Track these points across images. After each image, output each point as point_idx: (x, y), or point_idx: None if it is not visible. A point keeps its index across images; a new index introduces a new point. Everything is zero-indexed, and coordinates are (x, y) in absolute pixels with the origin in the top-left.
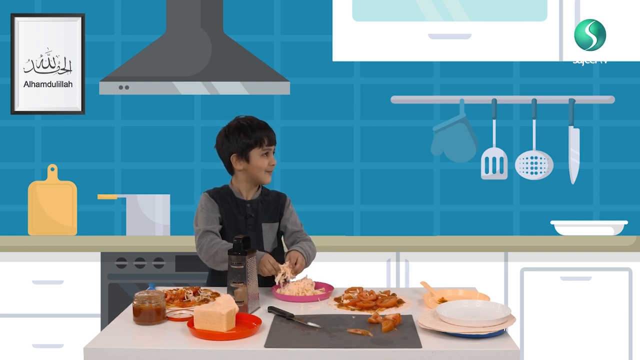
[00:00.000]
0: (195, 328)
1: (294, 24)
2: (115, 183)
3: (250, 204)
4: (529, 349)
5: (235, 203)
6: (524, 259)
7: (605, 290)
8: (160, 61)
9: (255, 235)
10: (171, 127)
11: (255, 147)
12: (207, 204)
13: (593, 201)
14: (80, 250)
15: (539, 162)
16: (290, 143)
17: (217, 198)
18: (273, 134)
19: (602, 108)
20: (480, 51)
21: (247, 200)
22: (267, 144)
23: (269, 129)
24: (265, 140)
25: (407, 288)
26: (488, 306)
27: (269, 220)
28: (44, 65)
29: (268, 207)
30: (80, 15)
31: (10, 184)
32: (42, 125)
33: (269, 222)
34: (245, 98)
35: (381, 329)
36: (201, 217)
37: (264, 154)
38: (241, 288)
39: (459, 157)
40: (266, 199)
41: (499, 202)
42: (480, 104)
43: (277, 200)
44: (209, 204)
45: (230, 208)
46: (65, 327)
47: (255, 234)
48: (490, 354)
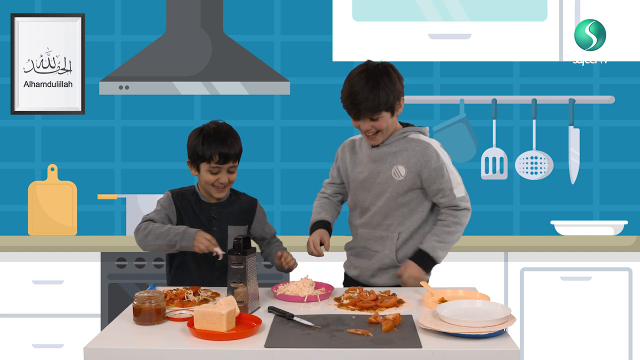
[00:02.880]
0: (195, 328)
1: (294, 24)
2: (115, 183)
3: (216, 207)
4: (529, 349)
5: (199, 205)
6: (524, 259)
7: (605, 290)
8: (160, 61)
9: (220, 237)
10: (171, 127)
11: (204, 162)
12: (165, 204)
13: (593, 201)
14: (80, 250)
15: (539, 162)
16: (290, 143)
17: (178, 200)
18: (232, 152)
19: (602, 108)
20: (480, 51)
21: (212, 203)
22: (216, 161)
23: (228, 146)
24: (215, 158)
25: (407, 288)
26: (488, 306)
27: (236, 222)
28: (44, 65)
29: (236, 209)
30: (80, 15)
31: (10, 184)
32: (42, 125)
33: (235, 225)
34: (245, 98)
35: (381, 329)
36: (154, 212)
37: (212, 171)
38: (241, 288)
39: (459, 157)
40: (236, 201)
41: (499, 202)
42: (480, 104)
43: (248, 205)
44: (166, 206)
45: (192, 210)
46: (65, 327)
47: (220, 235)
48: (490, 354)
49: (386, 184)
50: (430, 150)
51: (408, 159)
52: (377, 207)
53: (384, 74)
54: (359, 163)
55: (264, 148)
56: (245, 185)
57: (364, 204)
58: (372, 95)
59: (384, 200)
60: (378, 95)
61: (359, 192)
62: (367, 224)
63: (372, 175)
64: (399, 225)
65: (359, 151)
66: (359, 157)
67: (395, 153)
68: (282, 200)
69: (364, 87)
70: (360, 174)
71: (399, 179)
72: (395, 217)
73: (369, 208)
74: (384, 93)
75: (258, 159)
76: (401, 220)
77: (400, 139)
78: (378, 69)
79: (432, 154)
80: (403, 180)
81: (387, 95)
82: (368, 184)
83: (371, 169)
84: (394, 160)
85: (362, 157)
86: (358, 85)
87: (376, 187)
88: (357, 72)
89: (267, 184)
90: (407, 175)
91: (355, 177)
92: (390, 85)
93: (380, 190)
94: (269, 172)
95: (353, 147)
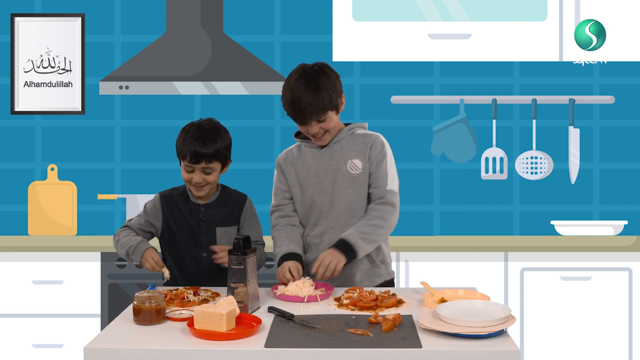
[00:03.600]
0: (195, 328)
1: (294, 24)
2: (115, 183)
3: (205, 207)
4: (529, 349)
5: (188, 206)
6: (524, 259)
7: (605, 290)
8: (160, 61)
9: (209, 239)
10: (171, 127)
11: (181, 159)
12: (149, 209)
13: (593, 201)
14: (80, 250)
15: (539, 162)
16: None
17: (165, 204)
18: (204, 151)
19: (602, 108)
20: (480, 51)
21: (201, 204)
22: (188, 160)
23: (202, 145)
24: (187, 157)
25: (407, 288)
26: (488, 306)
27: (224, 224)
28: (44, 65)
29: (225, 210)
30: (80, 15)
31: (10, 184)
32: (42, 125)
33: (223, 227)
34: (245, 98)
35: (381, 329)
36: (136, 217)
37: (187, 169)
38: (241, 288)
39: (459, 157)
40: (225, 200)
41: (499, 202)
42: (480, 104)
43: (236, 202)
44: (149, 211)
45: (180, 212)
46: (65, 327)
47: (209, 238)
48: (490, 354)
49: (344, 180)
50: (378, 139)
51: (360, 151)
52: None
53: (322, 75)
54: (310, 167)
55: (264, 148)
56: (245, 185)
57: (322, 208)
58: (315, 98)
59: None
60: (321, 96)
61: (316, 196)
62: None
63: (328, 174)
64: None
65: (305, 157)
66: (307, 162)
67: (347, 148)
68: None
69: (305, 91)
70: (314, 177)
71: (356, 172)
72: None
73: (331, 210)
74: (326, 94)
75: (258, 159)
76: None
77: (347, 135)
78: (315, 70)
79: (378, 142)
80: (362, 173)
81: (329, 95)
82: (325, 185)
83: (325, 168)
84: (347, 155)
85: (310, 160)
86: (299, 91)
87: (336, 185)
88: (294, 77)
89: (267, 184)
90: (365, 166)
91: (308, 183)
92: (330, 84)
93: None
94: (269, 172)
95: (296, 156)
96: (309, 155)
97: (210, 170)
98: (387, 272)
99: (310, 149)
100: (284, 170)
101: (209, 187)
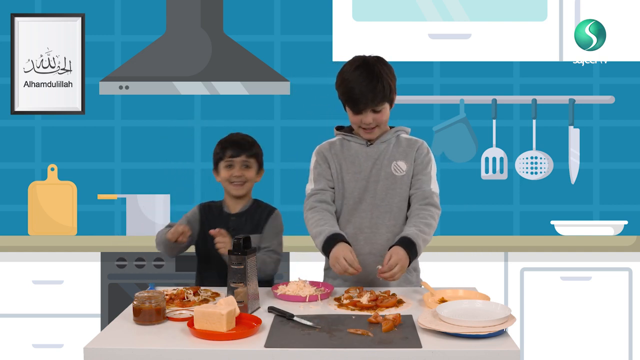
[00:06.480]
0: (195, 328)
1: (294, 24)
2: (115, 183)
3: (235, 217)
4: (529, 349)
5: (221, 216)
6: (524, 259)
7: (605, 290)
8: (160, 61)
9: None
10: (171, 127)
11: (221, 160)
12: (191, 217)
13: (593, 201)
14: (80, 250)
15: (539, 162)
16: (290, 143)
17: (204, 213)
18: (244, 143)
19: (602, 108)
20: (480, 51)
21: (232, 214)
22: (229, 155)
23: (240, 142)
24: (228, 152)
25: (407, 288)
26: (488, 306)
27: (251, 233)
28: (44, 65)
29: (254, 220)
30: (80, 15)
31: (10, 184)
32: (42, 125)
33: None
34: (245, 98)
35: (381, 329)
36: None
37: (227, 166)
38: (241, 288)
39: (459, 157)
40: (256, 211)
41: (499, 202)
42: (480, 104)
43: (265, 212)
44: (192, 218)
45: (214, 221)
46: (65, 327)
47: None
48: (490, 354)
49: (387, 180)
50: (424, 144)
51: (406, 154)
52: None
53: (383, 65)
54: (353, 162)
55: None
56: None
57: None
58: (375, 86)
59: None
60: (382, 84)
61: (356, 193)
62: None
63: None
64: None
65: (349, 150)
66: (351, 157)
67: (393, 150)
68: (282, 200)
69: (366, 78)
70: (356, 173)
71: (400, 175)
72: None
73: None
74: (386, 83)
75: None
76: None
77: (394, 137)
78: (375, 60)
79: (424, 147)
80: (405, 175)
81: (389, 85)
82: (367, 183)
83: (369, 166)
84: (392, 157)
85: (355, 156)
86: (361, 77)
87: (378, 184)
88: (354, 65)
89: (267, 184)
90: (408, 169)
91: (349, 178)
92: (390, 75)
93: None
94: (269, 172)
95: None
96: (354, 150)
97: (249, 164)
98: (417, 280)
99: (354, 144)
100: (328, 159)
101: (248, 185)
